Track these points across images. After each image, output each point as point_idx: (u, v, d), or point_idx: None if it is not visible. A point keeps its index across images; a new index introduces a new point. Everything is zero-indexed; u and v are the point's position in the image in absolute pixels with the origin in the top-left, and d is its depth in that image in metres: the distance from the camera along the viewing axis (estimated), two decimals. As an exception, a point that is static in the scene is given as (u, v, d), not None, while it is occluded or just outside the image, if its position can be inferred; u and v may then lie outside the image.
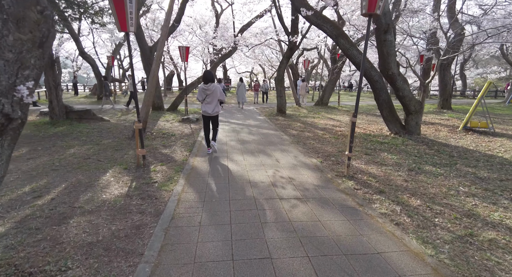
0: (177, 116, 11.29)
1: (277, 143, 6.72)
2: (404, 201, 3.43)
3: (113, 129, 8.33)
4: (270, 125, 9.41)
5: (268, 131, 8.20)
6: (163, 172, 4.61)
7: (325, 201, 3.42)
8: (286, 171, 4.57)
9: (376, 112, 13.14)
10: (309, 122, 10.09)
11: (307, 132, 8.09)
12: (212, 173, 4.47)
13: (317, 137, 7.31)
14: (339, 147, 6.23)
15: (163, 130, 8.30)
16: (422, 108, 6.97)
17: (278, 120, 10.49)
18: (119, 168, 4.81)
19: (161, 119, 10.43)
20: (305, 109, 14.38)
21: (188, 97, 23.33)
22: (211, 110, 5.42)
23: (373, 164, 5.02)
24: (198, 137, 7.33)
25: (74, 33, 14.04)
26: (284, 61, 11.39)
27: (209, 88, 5.30)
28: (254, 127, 8.92)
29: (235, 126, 9.08)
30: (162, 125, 9.25)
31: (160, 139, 7.16)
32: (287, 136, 7.44)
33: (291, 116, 11.67)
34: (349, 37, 6.73)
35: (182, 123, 9.59)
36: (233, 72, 39.31)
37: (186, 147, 6.32)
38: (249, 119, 10.76)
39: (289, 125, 9.39)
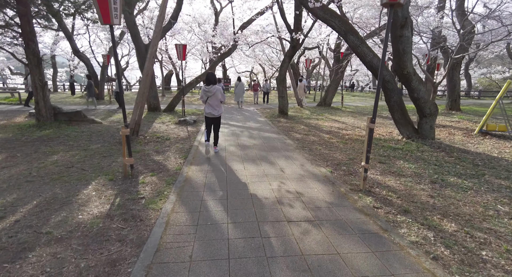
0: (174, 117, 10.73)
1: (280, 148, 6.17)
2: (436, 224, 2.88)
3: (104, 132, 7.77)
4: (272, 128, 8.86)
5: (270, 135, 7.65)
6: (153, 184, 4.05)
7: (342, 225, 2.87)
8: (292, 184, 4.02)
9: (382, 113, 12.59)
10: (313, 124, 9.54)
11: (312, 136, 7.54)
12: (208, 186, 3.92)
13: (324, 142, 6.75)
14: (349, 154, 5.68)
15: (158, 133, 7.74)
16: (437, 111, 6.42)
17: (280, 123, 9.94)
18: (104, 179, 4.26)
19: (157, 121, 9.88)
20: (307, 110, 13.83)
21: (186, 97, 22.83)
22: (214, 112, 5.47)
23: (390, 174, 4.47)
24: (195, 142, 6.77)
25: (67, 31, 13.46)
26: (286, 60, 10.83)
27: (210, 90, 5.31)
28: (255, 130, 8.37)
29: (235, 129, 8.54)
30: (157, 127, 8.70)
31: (154, 144, 6.61)
32: (290, 141, 6.89)
33: (294, 118, 11.12)
34: (358, 33, 6.18)
35: (178, 126, 9.03)
36: (233, 72, 38.74)
37: (181, 153, 5.77)
38: (250, 121, 10.21)
39: (292, 128, 8.84)
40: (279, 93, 11.40)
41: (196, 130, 8.39)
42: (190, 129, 8.47)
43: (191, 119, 9.63)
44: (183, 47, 10.55)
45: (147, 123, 9.50)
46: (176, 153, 5.75)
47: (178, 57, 10.70)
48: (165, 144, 6.57)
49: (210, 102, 5.40)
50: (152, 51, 6.86)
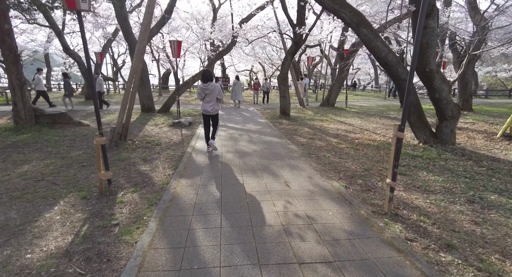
0: (168, 119, 10.03)
1: (284, 155, 5.47)
2: (498, 269, 2.19)
3: (90, 136, 7.07)
4: (273, 131, 8.16)
5: (272, 139, 6.95)
6: (133, 204, 3.36)
7: (370, 269, 2.18)
8: (301, 203, 3.33)
9: (389, 114, 11.89)
10: (318, 126, 8.84)
11: (318, 140, 6.84)
12: (198, 208, 3.22)
13: (332, 148, 6.06)
14: (362, 163, 4.98)
15: (149, 137, 7.04)
16: (459, 113, 5.73)
17: (282, 125, 9.24)
18: (76, 196, 3.56)
19: (150, 123, 9.18)
20: (310, 110, 13.13)
21: (183, 96, 22.12)
22: (211, 109, 5.44)
23: (415, 190, 3.78)
24: (188, 147, 6.07)
25: (56, 27, 12.73)
26: (288, 58, 10.13)
27: (208, 88, 5.29)
28: (255, 134, 7.67)
29: (233, 132, 7.83)
30: (149, 130, 8.00)
31: (142, 150, 5.91)
32: (295, 146, 6.19)
33: (296, 119, 10.42)
34: (372, 26, 5.48)
35: (172, 128, 8.33)
36: (232, 71, 38.03)
37: (172, 161, 5.07)
38: (249, 123, 9.51)
39: (296, 131, 8.13)
40: (281, 93, 10.70)
41: (191, 133, 7.68)
42: (184, 133, 7.77)
43: (186, 121, 8.93)
44: (178, 44, 9.84)
45: (139, 125, 8.81)
46: (166, 162, 5.05)
47: (172, 55, 10.00)
48: (154, 150, 5.88)
49: (207, 99, 5.39)
50: (140, 47, 6.15)
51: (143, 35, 6.11)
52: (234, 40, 11.67)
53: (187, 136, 7.27)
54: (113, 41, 19.15)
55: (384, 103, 17.23)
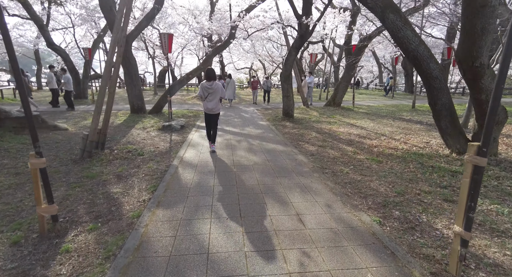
0: (159, 121, 9.00)
1: (291, 169, 4.44)
2: None
3: (63, 144, 6.05)
4: (276, 136, 7.13)
5: (276, 147, 5.92)
6: (82, 255, 2.34)
7: None
8: (323, 256, 2.30)
9: (402, 115, 10.84)
10: (326, 130, 7.81)
11: (330, 148, 5.81)
12: (173, 267, 2.20)
13: (348, 159, 5.03)
14: (392, 182, 3.95)
15: (132, 144, 6.02)
16: (506, 118, 4.70)
17: (285, 128, 8.20)
18: (5, 240, 2.54)
19: (137, 126, 8.15)
20: (314, 111, 12.09)
21: (180, 95, 21.01)
22: (214, 107, 5.37)
23: (478, 229, 2.75)
24: (175, 159, 5.03)
25: (38, 19, 11.63)
26: (292, 53, 9.07)
27: (212, 87, 5.20)
28: (256, 139, 6.64)
29: (231, 138, 6.80)
30: (134, 135, 6.98)
31: (120, 162, 4.89)
32: (303, 157, 5.16)
33: (301, 121, 9.39)
34: (401, 11, 4.43)
35: (161, 133, 7.30)
36: (231, 68, 36.92)
37: (152, 179, 4.05)
38: (249, 126, 8.47)
39: (302, 135, 7.10)
40: (284, 93, 9.66)
41: (181, 139, 6.65)
42: (174, 138, 6.73)
43: (178, 124, 7.89)
44: (169, 38, 8.78)
45: (124, 129, 7.78)
46: (144, 180, 4.03)
47: (163, 50, 8.94)
48: (135, 163, 4.85)
49: (210, 98, 5.29)
50: (117, 37, 5.10)
51: (120, 24, 5.06)
52: (233, 33, 10.59)
53: (176, 144, 6.24)
54: (105, 36, 18.05)
55: (392, 103, 16.19)
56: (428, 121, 9.28)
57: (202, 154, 5.35)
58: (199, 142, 6.35)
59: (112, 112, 11.75)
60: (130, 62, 9.94)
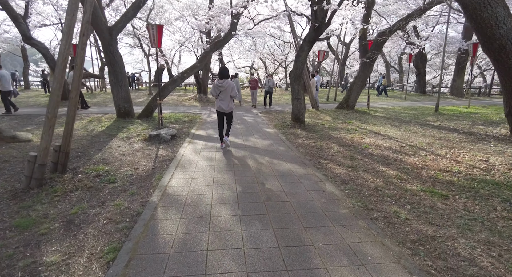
0: (147, 128, 7.61)
1: (322, 211, 3.05)
2: None
3: (15, 163, 4.67)
4: (289, 149, 5.73)
5: (291, 168, 4.52)
6: None
7: None
8: None
9: (428, 120, 9.42)
10: (348, 141, 6.41)
11: (364, 170, 4.41)
12: None
13: (397, 191, 3.63)
14: (486, 241, 2.55)
15: (105, 163, 4.64)
16: None
17: (298, 138, 6.81)
18: None
19: (120, 135, 6.76)
20: (326, 114, 10.69)
21: (176, 95, 19.56)
22: (226, 107, 5.37)
23: None
24: (156, 190, 3.63)
25: (11, 10, 10.20)
26: (305, 48, 7.66)
27: (223, 85, 5.22)
28: (264, 155, 5.24)
29: (232, 152, 5.41)
30: (113, 149, 5.60)
31: (81, 194, 3.50)
32: (333, 187, 3.77)
33: (314, 128, 7.99)
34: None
35: (146, 145, 5.90)
36: (231, 67, 35.49)
37: (115, 233, 2.66)
38: (254, 135, 7.07)
39: (321, 149, 5.71)
40: (294, 94, 8.26)
41: (169, 155, 5.25)
42: (161, 154, 5.33)
43: (168, 133, 6.49)
44: (158, 29, 7.37)
45: (104, 139, 6.40)
46: (104, 235, 2.64)
47: (151, 43, 7.54)
48: (100, 197, 3.46)
49: (221, 97, 5.31)
50: (72, 22, 3.66)
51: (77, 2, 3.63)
52: (234, 23, 9.15)
53: (162, 162, 4.84)
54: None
55: (407, 105, 14.80)
56: (463, 128, 7.89)
57: (195, 181, 3.95)
58: (191, 160, 4.95)
59: (96, 116, 10.38)
60: (115, 58, 8.54)
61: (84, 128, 7.76)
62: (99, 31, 8.08)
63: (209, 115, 10.79)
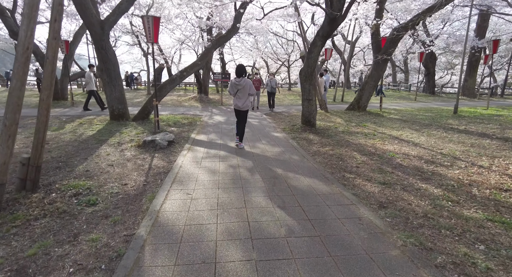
0: (142, 132, 6.85)
1: (363, 254, 2.26)
2: None
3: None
4: (304, 159, 4.94)
5: (312, 184, 3.74)
6: None
7: None
8: None
9: (450, 123, 8.61)
10: (370, 148, 5.63)
11: (401, 188, 3.62)
12: None
13: (452, 218, 2.84)
14: None
15: (88, 177, 3.86)
16: None
17: (312, 144, 6.02)
18: None
19: (112, 141, 6.00)
20: (336, 116, 9.91)
21: (176, 95, 18.74)
22: (242, 105, 5.40)
23: None
24: (144, 220, 2.83)
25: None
26: (318, 43, 6.87)
27: (241, 83, 5.24)
28: (276, 166, 4.45)
29: (238, 163, 4.62)
30: (101, 157, 4.82)
31: (48, 224, 2.73)
32: (370, 214, 2.98)
33: (327, 132, 7.20)
34: None
35: (139, 153, 5.12)
36: (232, 66, 34.72)
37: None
38: (261, 141, 6.28)
39: (342, 159, 4.92)
40: (305, 95, 7.47)
41: (165, 166, 4.45)
42: (155, 165, 4.55)
43: (164, 139, 5.70)
44: (154, 22, 6.59)
45: (92, 145, 5.63)
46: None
47: (147, 38, 6.75)
48: (71, 227, 2.69)
49: (239, 95, 5.34)
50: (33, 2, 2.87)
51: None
52: (240, 14, 8.34)
53: (156, 176, 4.06)
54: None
55: (419, 106, 14.01)
56: (494, 133, 7.10)
57: (194, 204, 3.16)
58: (190, 173, 4.16)
59: (88, 118, 9.54)
60: (107, 55, 7.76)
61: (72, 132, 6.98)
62: (89, 24, 7.29)
63: (211, 117, 10.01)
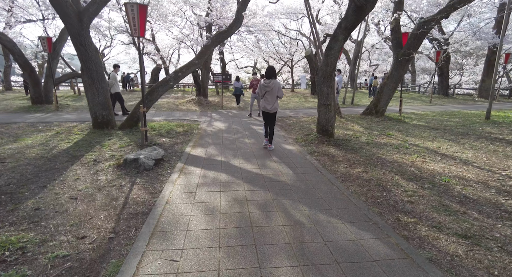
0: (128, 144, 5.65)
1: None
2: None
3: None
4: (332, 186, 3.71)
5: (357, 237, 2.51)
6: None
7: None
8: None
9: (489, 131, 7.36)
10: (410, 168, 4.41)
11: (495, 244, 2.41)
12: None
13: None
14: None
15: (35, 222, 2.64)
16: None
17: (336, 161, 4.79)
18: None
19: (87, 157, 4.79)
20: (353, 122, 8.70)
21: (173, 97, 17.47)
22: (270, 107, 5.33)
23: None
24: None
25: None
26: (340, 37, 5.66)
27: (269, 85, 5.20)
28: (297, 201, 3.23)
29: (245, 194, 3.38)
30: (65, 184, 3.61)
31: None
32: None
33: (349, 143, 5.98)
34: None
35: (117, 177, 3.91)
36: (233, 67, 33.55)
37: None
38: (271, 157, 5.05)
39: (383, 186, 3.69)
40: (322, 99, 6.27)
41: (147, 201, 3.21)
42: (133, 198, 3.31)
43: (151, 157, 4.47)
44: (140, 10, 5.37)
45: (62, 164, 4.44)
46: None
47: (131, 30, 5.53)
48: None
49: (267, 97, 5.28)
50: None
51: None
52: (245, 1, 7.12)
53: (131, 220, 2.83)
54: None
55: (438, 109, 12.79)
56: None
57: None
58: (180, 216, 2.93)
59: (68, 126, 8.15)
60: (87, 53, 6.56)
61: (43, 145, 5.75)
62: (64, 15, 6.08)
63: (210, 123, 8.77)
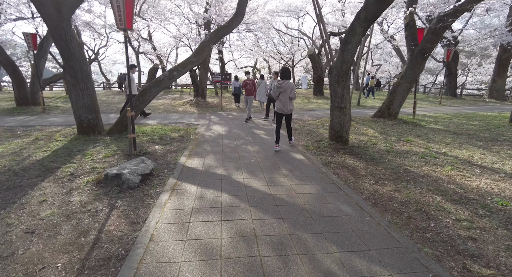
0: (114, 153, 4.89)
1: None
2: None
3: None
4: (363, 213, 2.95)
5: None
6: None
7: None
8: None
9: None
10: (449, 185, 3.66)
11: None
12: None
13: None
14: None
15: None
16: None
17: (358, 176, 4.03)
18: None
19: (62, 171, 4.04)
20: (365, 126, 7.95)
21: (170, 98, 16.65)
22: (285, 108, 5.28)
23: None
24: None
25: None
26: (358, 30, 4.90)
27: (283, 86, 5.14)
28: (321, 236, 2.46)
29: (253, 227, 2.62)
30: (27, 209, 2.82)
31: None
32: None
33: (366, 151, 5.23)
34: None
35: (94, 198, 3.12)
36: (232, 67, 32.77)
37: None
38: (280, 169, 4.27)
39: (425, 212, 2.93)
40: (336, 101, 5.51)
41: (126, 235, 2.42)
42: (110, 230, 2.52)
43: (137, 173, 3.70)
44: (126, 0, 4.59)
45: (30, 179, 3.68)
46: None
47: (117, 22, 4.75)
48: None
49: (281, 98, 5.25)
50: None
51: None
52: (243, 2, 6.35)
53: (97, 271, 2.05)
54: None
55: (451, 111, 12.05)
56: None
57: None
58: (167, 263, 2.15)
59: (51, 130, 6.99)
60: (69, 49, 5.78)
61: (15, 154, 4.97)
62: (39, 5, 5.30)
63: (208, 127, 7.98)
